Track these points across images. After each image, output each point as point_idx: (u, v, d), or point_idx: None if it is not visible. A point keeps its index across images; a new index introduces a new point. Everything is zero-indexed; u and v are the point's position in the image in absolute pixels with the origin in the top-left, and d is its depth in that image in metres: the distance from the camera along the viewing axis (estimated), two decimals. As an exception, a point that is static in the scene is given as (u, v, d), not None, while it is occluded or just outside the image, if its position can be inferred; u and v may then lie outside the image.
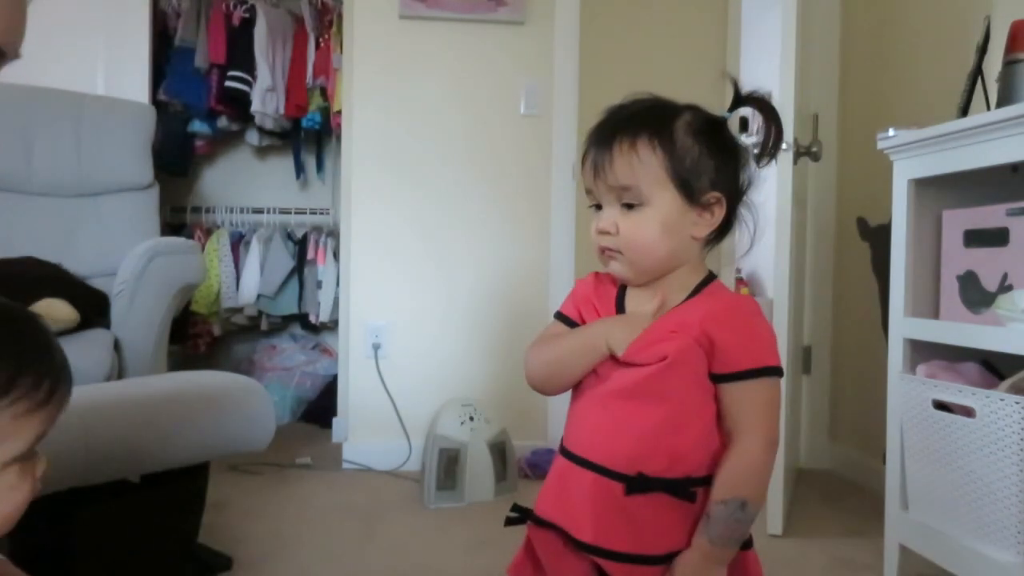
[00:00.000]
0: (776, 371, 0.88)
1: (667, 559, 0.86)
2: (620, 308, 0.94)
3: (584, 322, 0.96)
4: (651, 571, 0.86)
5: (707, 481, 0.88)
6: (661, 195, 0.88)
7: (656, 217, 0.88)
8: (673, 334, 0.87)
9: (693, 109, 0.92)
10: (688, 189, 0.88)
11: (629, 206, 0.89)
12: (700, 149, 0.89)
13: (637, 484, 0.86)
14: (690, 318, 0.88)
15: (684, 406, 0.88)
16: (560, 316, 0.99)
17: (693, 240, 0.91)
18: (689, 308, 0.90)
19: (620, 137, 0.89)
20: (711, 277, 0.94)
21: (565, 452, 0.93)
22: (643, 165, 0.87)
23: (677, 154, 0.88)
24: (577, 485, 0.89)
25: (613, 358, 0.90)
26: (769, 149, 0.94)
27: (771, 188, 1.99)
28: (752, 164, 0.94)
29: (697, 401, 0.88)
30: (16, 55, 0.73)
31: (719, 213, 0.90)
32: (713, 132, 0.91)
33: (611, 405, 0.90)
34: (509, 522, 0.96)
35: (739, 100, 0.94)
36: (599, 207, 0.92)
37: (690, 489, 0.87)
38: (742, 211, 0.94)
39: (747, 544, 0.91)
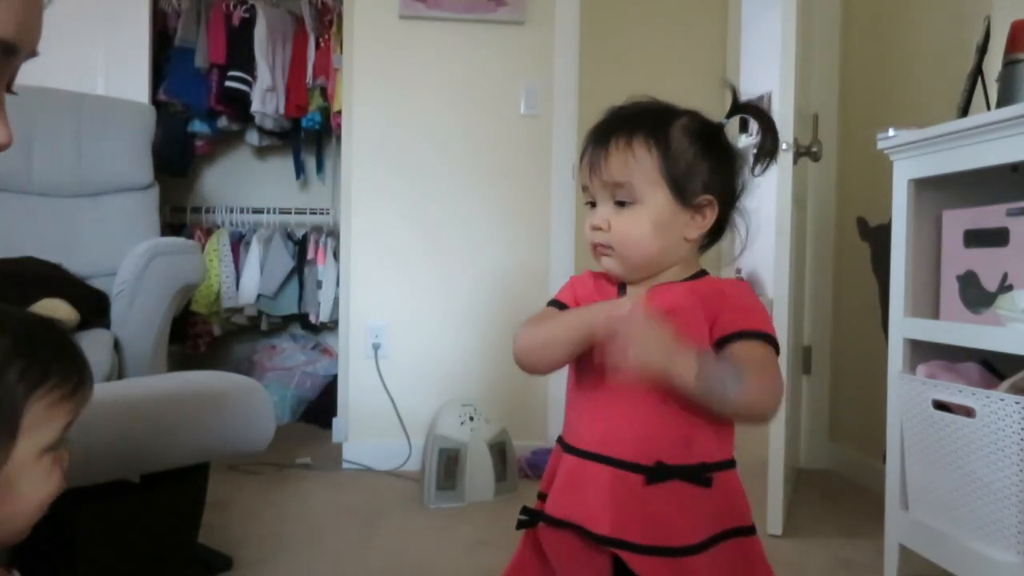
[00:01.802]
0: (774, 341, 0.88)
1: (684, 551, 0.86)
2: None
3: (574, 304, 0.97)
4: (669, 562, 0.86)
5: (721, 466, 0.89)
6: (654, 194, 0.89)
7: (648, 215, 0.89)
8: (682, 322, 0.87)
9: (691, 113, 0.94)
10: (681, 190, 0.89)
11: (622, 204, 0.90)
12: (695, 151, 0.90)
13: (657, 473, 0.86)
14: (688, 299, 0.89)
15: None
16: (555, 303, 0.99)
17: (684, 241, 0.92)
18: (685, 286, 0.92)
19: (617, 135, 0.90)
20: (703, 272, 0.95)
21: (573, 450, 0.92)
22: (638, 163, 0.89)
23: (672, 155, 0.89)
24: (593, 481, 0.89)
25: None
26: (764, 158, 0.95)
27: (771, 188, 1.99)
28: (746, 170, 0.95)
29: None
30: (33, 53, 0.75)
31: (711, 216, 0.92)
32: (709, 136, 0.92)
33: (620, 397, 0.89)
34: (520, 525, 0.96)
35: (737, 108, 0.95)
36: (593, 205, 0.94)
37: (706, 475, 0.88)
38: (734, 216, 0.95)
39: (751, 530, 0.91)
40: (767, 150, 0.94)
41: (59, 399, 0.69)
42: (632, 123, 0.91)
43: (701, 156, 0.90)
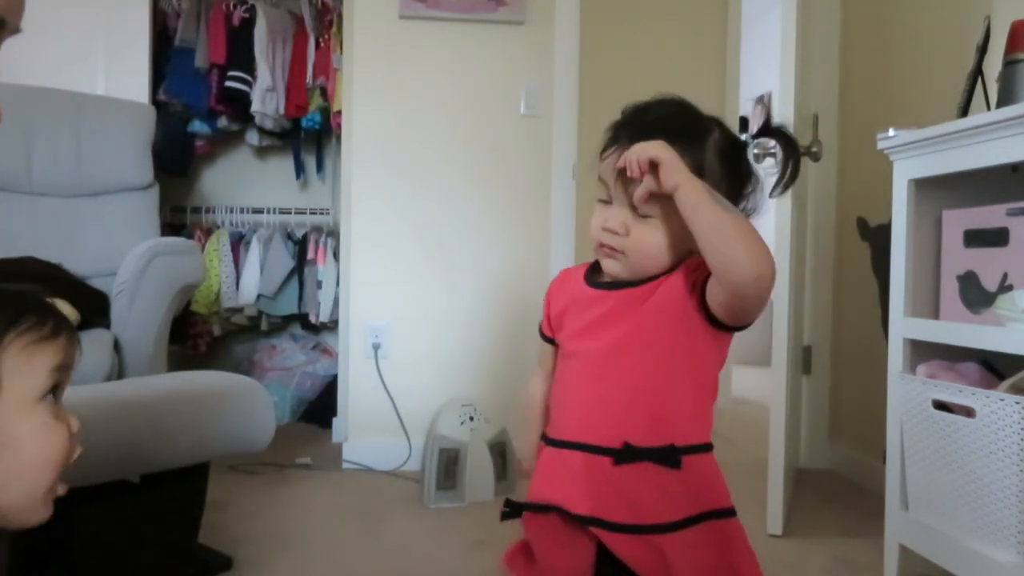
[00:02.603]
0: None
1: (657, 529, 0.87)
2: (594, 282, 0.97)
3: (551, 322, 1.01)
4: (641, 540, 0.88)
5: (694, 449, 0.89)
6: (676, 208, 0.87)
7: (670, 229, 0.89)
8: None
9: (720, 125, 0.93)
10: None
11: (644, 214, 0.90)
12: (722, 173, 0.90)
13: (624, 454, 0.88)
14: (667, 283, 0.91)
15: (659, 357, 0.89)
16: (541, 333, 1.04)
17: (691, 253, 0.91)
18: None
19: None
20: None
21: (551, 441, 0.95)
22: None
23: (704, 173, 0.88)
24: (567, 466, 0.91)
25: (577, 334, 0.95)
26: (785, 182, 0.94)
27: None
28: (759, 192, 0.95)
29: (674, 351, 0.89)
30: (17, 29, 0.75)
31: None
32: (735, 155, 0.92)
33: (585, 377, 0.93)
34: (505, 517, 0.98)
35: (767, 129, 0.95)
36: (604, 201, 0.93)
37: (674, 457, 0.88)
38: None
39: (728, 512, 0.91)
40: (789, 175, 0.94)
41: (37, 340, 0.68)
42: (668, 132, 0.88)
43: (726, 177, 0.90)
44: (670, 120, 0.92)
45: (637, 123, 0.92)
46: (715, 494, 0.91)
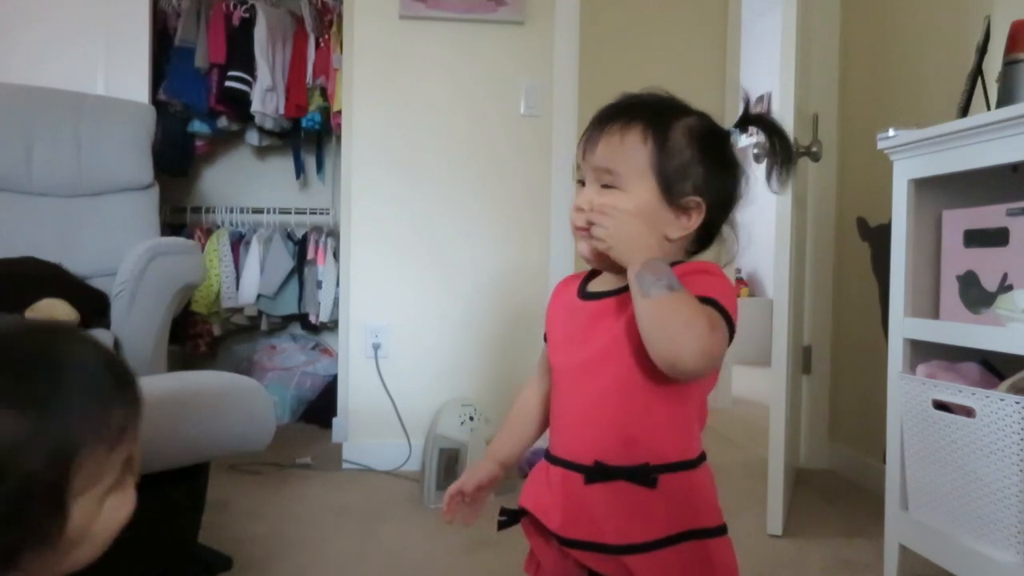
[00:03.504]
0: (721, 309, 0.84)
1: (621, 549, 0.86)
2: (583, 293, 0.96)
3: (547, 330, 1.00)
4: (609, 558, 0.87)
5: (673, 467, 0.87)
6: (639, 185, 0.88)
7: (629, 204, 0.88)
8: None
9: (700, 115, 0.93)
10: (668, 187, 0.88)
11: (607, 188, 0.90)
12: (693, 153, 0.89)
13: (595, 473, 0.87)
14: None
15: (632, 374, 0.86)
16: (544, 338, 1.02)
17: (665, 240, 0.90)
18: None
19: (615, 121, 0.90)
20: (676, 263, 0.91)
21: (546, 455, 0.96)
22: (627, 152, 0.89)
23: (667, 150, 0.88)
24: (549, 479, 0.93)
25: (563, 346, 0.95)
26: (780, 171, 0.94)
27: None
28: (745, 183, 0.94)
29: (651, 368, 0.85)
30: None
31: (696, 219, 0.90)
32: (713, 141, 0.92)
33: (562, 393, 0.94)
34: (501, 526, 0.99)
35: (748, 118, 0.95)
36: (582, 184, 0.94)
37: (650, 476, 0.86)
38: (725, 228, 0.94)
39: (713, 532, 0.89)
40: (783, 163, 0.94)
41: (110, 448, 0.60)
42: (633, 112, 0.90)
43: (698, 159, 0.89)
44: (642, 99, 0.93)
45: (614, 105, 0.93)
46: (698, 512, 0.88)
